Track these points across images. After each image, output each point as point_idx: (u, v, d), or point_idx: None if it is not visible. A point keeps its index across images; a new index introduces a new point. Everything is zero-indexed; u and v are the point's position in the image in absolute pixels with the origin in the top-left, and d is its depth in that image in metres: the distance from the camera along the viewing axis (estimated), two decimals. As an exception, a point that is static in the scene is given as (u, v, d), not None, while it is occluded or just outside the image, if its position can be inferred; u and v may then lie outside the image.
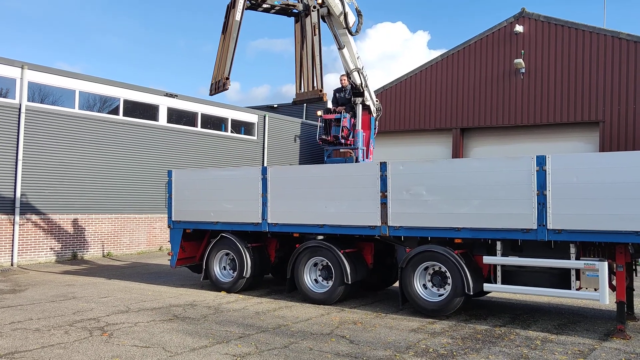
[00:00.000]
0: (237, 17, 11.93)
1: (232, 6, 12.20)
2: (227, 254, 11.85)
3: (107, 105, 19.18)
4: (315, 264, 10.69)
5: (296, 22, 12.97)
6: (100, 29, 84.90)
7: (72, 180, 17.56)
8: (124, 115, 19.28)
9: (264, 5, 12.61)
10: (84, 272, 14.68)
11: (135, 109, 19.81)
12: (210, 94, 12.44)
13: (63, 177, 17.34)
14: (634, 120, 19.67)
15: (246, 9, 12.29)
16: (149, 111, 20.26)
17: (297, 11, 12.87)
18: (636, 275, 9.32)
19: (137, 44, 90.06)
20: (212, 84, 12.35)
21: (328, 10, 12.81)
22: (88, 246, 18.03)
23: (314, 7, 12.53)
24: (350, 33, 13.18)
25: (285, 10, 12.95)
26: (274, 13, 12.95)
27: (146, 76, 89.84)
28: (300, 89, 12.50)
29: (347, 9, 13.06)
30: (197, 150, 21.49)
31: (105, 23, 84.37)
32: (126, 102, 19.38)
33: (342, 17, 12.95)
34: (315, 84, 12.18)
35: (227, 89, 11.87)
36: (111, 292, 11.62)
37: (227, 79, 11.84)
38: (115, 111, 19.18)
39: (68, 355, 6.97)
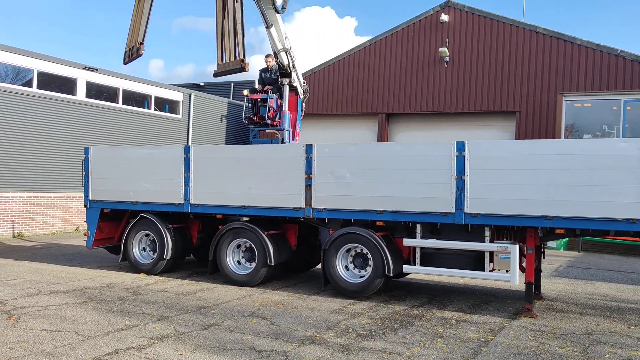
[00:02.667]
0: None
1: None
2: (147, 235, 11.50)
3: (20, 76, 18.03)
4: (239, 246, 10.57)
5: None
6: (13, -5, 79.49)
7: (-21, 155, 16.44)
8: (39, 88, 18.18)
9: None
10: (-9, 253, 13.84)
11: (51, 82, 18.74)
12: (125, 62, 11.90)
13: (-31, 152, 16.21)
14: (547, 111, 20.70)
15: None
16: (66, 85, 19.22)
17: None
18: (544, 258, 9.87)
19: (55, 14, 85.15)
20: (125, 52, 11.81)
21: None
22: (-4, 226, 17.00)
23: None
24: (277, 11, 13.01)
25: None
26: None
27: (64, 50, 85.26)
28: (221, 59, 12.11)
29: None
30: (118, 128, 20.64)
31: (19, -11, 79.09)
32: (41, 74, 18.29)
33: None
34: (237, 54, 11.85)
35: (141, 55, 11.33)
36: (20, 274, 11.02)
37: (142, 43, 11.31)
38: (28, 83, 18.06)
39: (-31, 340, 6.54)
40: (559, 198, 8.00)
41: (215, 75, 12.55)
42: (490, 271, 8.76)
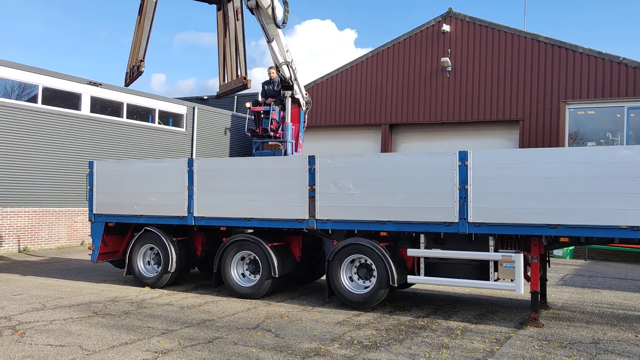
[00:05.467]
0: None
1: None
2: (151, 248, 11.52)
3: (25, 92, 18.16)
4: (243, 258, 10.57)
5: (218, 9, 12.70)
6: (18, 14, 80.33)
7: (-16, 171, 16.54)
8: (44, 103, 18.32)
9: None
10: (-4, 269, 13.88)
11: (56, 97, 18.88)
12: (126, 84, 12.03)
13: (-26, 168, 16.31)
14: (550, 119, 20.71)
15: None
16: (71, 100, 19.35)
17: None
18: (549, 267, 9.82)
19: (59, 31, 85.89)
20: (126, 73, 11.93)
21: (257, 2, 12.68)
22: (2, 241, 17.04)
23: None
24: (278, 26, 13.10)
25: None
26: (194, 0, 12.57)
27: (69, 65, 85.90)
28: (223, 80, 12.31)
29: (276, 3, 12.96)
30: (122, 142, 20.75)
31: (24, 8, 79.90)
32: (46, 89, 18.43)
33: (269, 10, 12.85)
34: (239, 72, 11.99)
35: (141, 72, 11.44)
36: (26, 289, 11.04)
37: (142, 61, 11.41)
38: (33, 99, 18.20)
39: (-26, 356, 6.56)
40: (563, 206, 7.98)
41: (218, 96, 12.75)
42: (495, 280, 8.73)
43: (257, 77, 79.04)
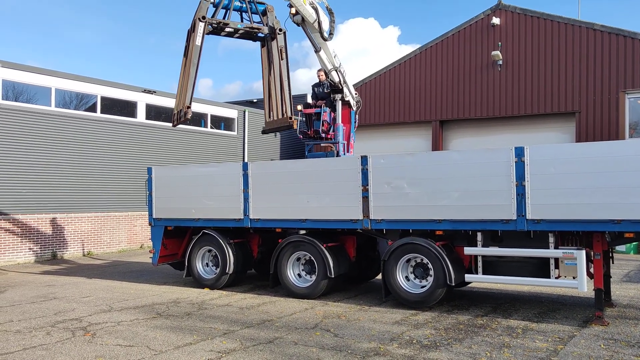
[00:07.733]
0: (198, 42, 11.69)
1: (192, 30, 11.93)
2: (209, 251, 11.81)
3: (84, 102, 18.94)
4: (298, 259, 10.71)
5: (262, 46, 12.93)
6: (71, 25, 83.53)
7: (50, 179, 17.32)
8: (102, 112, 19.05)
9: (227, 30, 12.39)
10: (64, 272, 14.52)
11: (113, 106, 19.59)
12: (173, 125, 12.35)
13: (41, 176, 17.10)
14: (609, 110, 19.99)
15: (208, 33, 12.03)
16: (127, 108, 20.04)
17: (262, 35, 12.79)
18: (613, 263, 9.51)
19: (109, 40, 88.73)
20: (174, 114, 12.20)
21: (303, 18, 12.88)
22: (68, 245, 17.82)
23: (280, 30, 12.59)
24: (325, 39, 13.24)
25: (249, 35, 12.76)
26: (238, 37, 12.76)
27: (120, 73, 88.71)
28: (269, 116, 12.60)
29: (322, 17, 13.10)
30: (176, 147, 21.32)
31: (75, 20, 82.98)
32: (104, 99, 19.15)
33: (316, 24, 13.02)
34: (284, 111, 12.21)
35: (188, 118, 11.78)
36: (93, 291, 11.52)
37: (189, 107, 11.67)
38: (92, 108, 18.95)
39: (51, 356, 6.91)
40: (627, 201, 7.72)
41: (264, 132, 13.23)
42: (556, 278, 8.53)
43: (302, 79, 79.56)
